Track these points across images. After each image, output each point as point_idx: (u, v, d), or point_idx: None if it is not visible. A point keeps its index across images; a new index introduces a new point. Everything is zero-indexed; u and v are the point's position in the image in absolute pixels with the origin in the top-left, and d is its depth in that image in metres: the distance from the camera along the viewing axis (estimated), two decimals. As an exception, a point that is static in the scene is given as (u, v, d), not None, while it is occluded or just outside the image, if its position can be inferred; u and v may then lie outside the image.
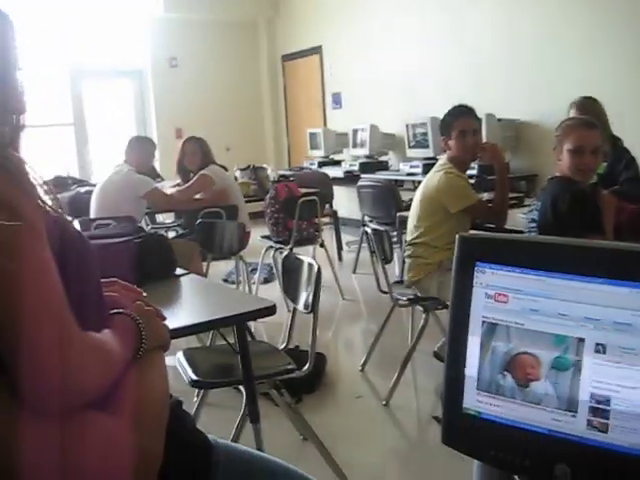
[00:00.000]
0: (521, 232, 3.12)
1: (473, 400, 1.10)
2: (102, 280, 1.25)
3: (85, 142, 9.36)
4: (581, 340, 1.01)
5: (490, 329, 1.09)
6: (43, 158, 8.06)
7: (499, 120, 6.19)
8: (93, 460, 0.98)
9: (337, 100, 9.12)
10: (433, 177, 3.54)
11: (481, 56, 6.75)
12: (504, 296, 1.08)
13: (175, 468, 1.13)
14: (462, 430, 1.12)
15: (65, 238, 1.08)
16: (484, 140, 4.40)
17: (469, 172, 4.05)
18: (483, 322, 1.09)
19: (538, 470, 1.05)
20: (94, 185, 5.30)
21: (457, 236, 1.14)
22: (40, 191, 1.06)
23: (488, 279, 1.10)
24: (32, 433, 0.94)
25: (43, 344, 0.93)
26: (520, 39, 6.31)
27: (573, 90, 4.62)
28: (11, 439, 0.92)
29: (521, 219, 3.40)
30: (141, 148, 4.93)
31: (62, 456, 0.95)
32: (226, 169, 5.33)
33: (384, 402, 3.46)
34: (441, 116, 3.70)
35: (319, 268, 2.48)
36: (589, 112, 3.76)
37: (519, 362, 1.06)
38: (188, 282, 2.59)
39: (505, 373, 1.06)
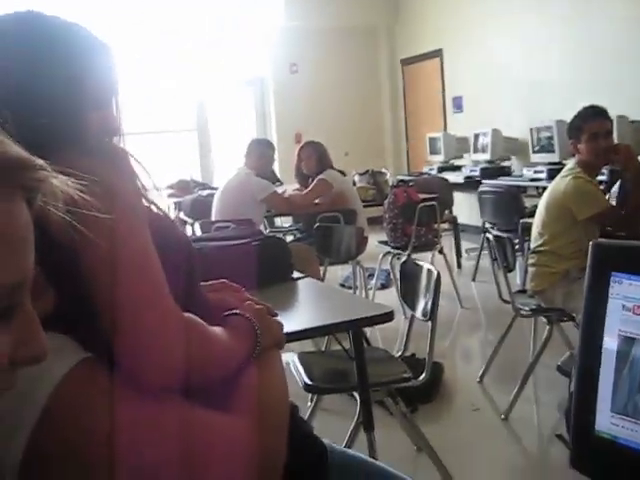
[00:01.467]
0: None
1: (607, 423, 1.00)
2: (209, 282, 1.26)
3: (208, 147, 9.67)
4: None
5: (628, 344, 0.99)
6: (167, 163, 8.40)
7: (632, 122, 5.87)
8: (218, 463, 0.98)
9: (458, 104, 8.96)
10: (560, 182, 3.38)
11: (608, 55, 6.42)
12: (644, 309, 0.98)
13: (292, 470, 1.12)
14: (594, 455, 1.03)
15: (166, 236, 1.09)
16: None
17: (599, 178, 3.86)
18: (619, 336, 1.00)
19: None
20: (215, 188, 5.45)
21: (590, 244, 1.06)
22: (145, 186, 1.09)
23: (625, 290, 1.01)
24: (156, 435, 0.94)
25: (145, 322, 0.94)
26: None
27: None
28: (135, 434, 0.92)
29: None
30: (260, 151, 5.00)
31: (188, 458, 0.95)
32: (344, 174, 5.33)
33: (503, 416, 3.33)
34: (567, 119, 3.54)
35: (439, 274, 2.41)
36: None
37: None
38: (305, 286, 2.58)
39: (645, 394, 0.97)
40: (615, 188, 3.86)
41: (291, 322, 1.70)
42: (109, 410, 0.91)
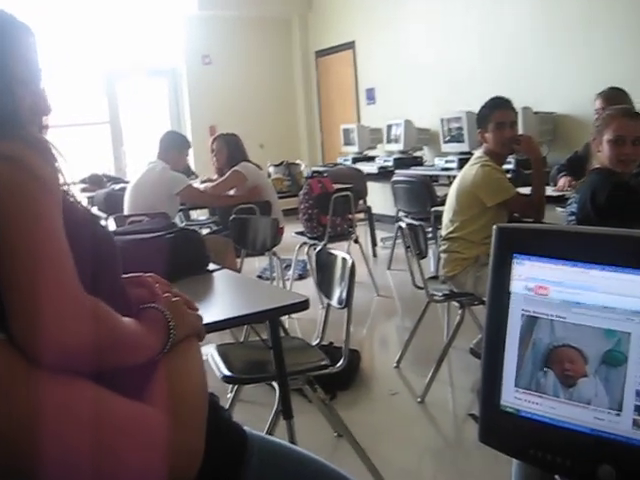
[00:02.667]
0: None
1: (511, 397, 1.06)
2: (131, 275, 1.26)
3: (120, 140, 9.45)
4: (626, 334, 0.96)
5: (530, 323, 1.04)
6: (79, 156, 8.17)
7: (535, 113, 6.09)
8: (130, 450, 0.98)
9: (371, 95, 9.06)
10: (469, 170, 3.48)
11: (516, 49, 6.65)
12: (544, 289, 1.04)
13: (211, 456, 1.12)
14: (500, 428, 1.08)
15: (82, 226, 1.11)
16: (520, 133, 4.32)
17: (506, 167, 3.99)
18: (522, 315, 1.05)
19: (580, 471, 1.00)
20: (128, 182, 5.34)
21: (494, 227, 1.10)
22: (63, 176, 1.11)
23: (527, 271, 1.06)
24: (67, 418, 0.94)
25: (41, 300, 0.95)
26: (556, 31, 6.20)
27: (611, 82, 4.51)
28: (38, 425, 0.92)
29: (560, 213, 3.33)
30: (174, 144, 4.92)
31: (99, 449, 0.95)
32: (260, 167, 5.31)
33: (419, 399, 3.42)
34: (476, 110, 3.64)
35: (353, 262, 2.44)
36: (615, 103, 3.67)
37: (559, 355, 1.01)
38: (221, 277, 2.57)
39: (546, 370, 1.02)
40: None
41: (208, 313, 1.70)
42: (23, 393, 0.90)
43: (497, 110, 3.50)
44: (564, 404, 1.01)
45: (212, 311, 2.08)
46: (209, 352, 2.62)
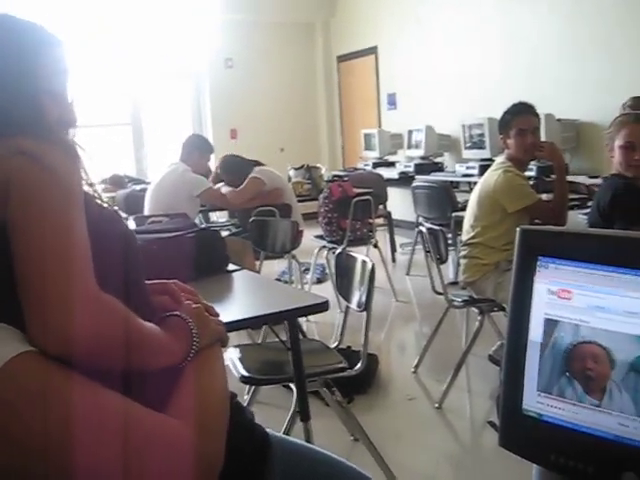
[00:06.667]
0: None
1: (533, 401, 1.04)
2: (154, 282, 1.26)
3: (141, 142, 9.51)
4: (651, 339, 0.94)
5: (552, 327, 1.03)
6: (101, 157, 8.23)
7: (558, 120, 6.05)
8: (155, 461, 0.98)
9: (392, 101, 9.05)
10: (491, 176, 3.46)
11: (538, 55, 6.61)
12: (568, 292, 1.02)
13: (235, 456, 1.13)
14: (521, 432, 1.06)
15: (106, 226, 1.12)
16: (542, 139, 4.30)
17: (528, 173, 3.96)
18: (545, 319, 1.04)
19: (603, 478, 0.98)
20: (149, 183, 5.37)
21: (518, 229, 1.09)
22: (87, 174, 1.13)
23: (551, 274, 1.04)
24: (93, 429, 0.94)
25: (47, 289, 0.95)
26: (579, 37, 6.16)
27: (634, 89, 4.48)
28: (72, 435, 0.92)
29: (581, 220, 3.31)
30: (197, 147, 4.94)
31: (125, 453, 0.95)
32: (260, 163, 5.30)
33: (437, 405, 3.39)
34: (498, 116, 3.62)
35: (373, 265, 2.44)
36: None
37: (582, 352, 0.99)
38: (240, 278, 2.57)
39: (568, 374, 1.01)
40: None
41: (227, 313, 1.70)
42: (57, 403, 0.90)
43: (519, 116, 3.47)
44: (587, 409, 0.99)
45: (231, 311, 2.08)
46: (227, 353, 2.63)
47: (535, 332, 1.04)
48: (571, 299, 1.02)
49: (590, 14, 6.02)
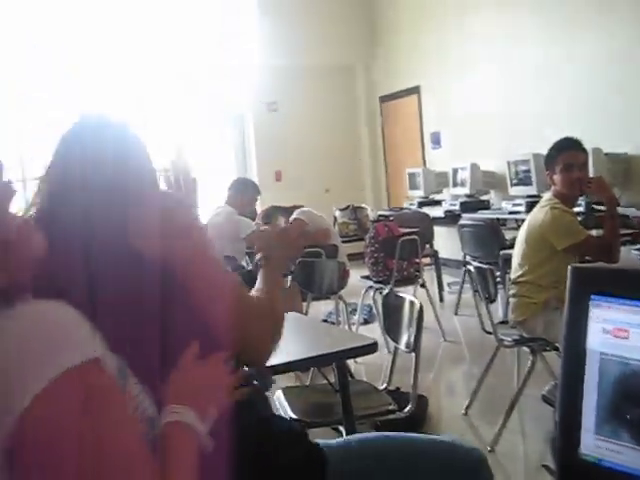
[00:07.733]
0: (635, 269, 2.96)
1: (591, 445, 1.01)
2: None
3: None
4: None
5: (609, 367, 1.00)
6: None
7: (606, 154, 5.96)
8: None
9: (436, 139, 9.05)
10: (538, 213, 3.42)
11: (582, 89, 6.54)
12: (624, 331, 1.00)
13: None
14: (579, 478, 1.03)
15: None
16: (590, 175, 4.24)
17: (576, 209, 3.90)
18: (601, 359, 1.01)
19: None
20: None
21: (569, 267, 1.07)
22: None
23: (605, 313, 1.02)
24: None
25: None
26: (622, 70, 6.09)
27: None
28: None
29: (634, 256, 3.23)
30: (244, 190, 5.01)
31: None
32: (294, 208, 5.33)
33: (489, 448, 3.31)
34: (544, 152, 3.59)
35: (421, 305, 2.42)
36: None
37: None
38: (287, 320, 2.55)
39: (628, 416, 0.97)
40: None
41: (274, 356, 1.69)
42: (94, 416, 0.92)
43: (565, 151, 3.44)
44: (648, 453, 0.96)
45: (278, 353, 2.07)
46: (275, 395, 2.61)
47: (591, 372, 1.02)
48: (628, 338, 0.99)
49: (636, 40, 5.95)
